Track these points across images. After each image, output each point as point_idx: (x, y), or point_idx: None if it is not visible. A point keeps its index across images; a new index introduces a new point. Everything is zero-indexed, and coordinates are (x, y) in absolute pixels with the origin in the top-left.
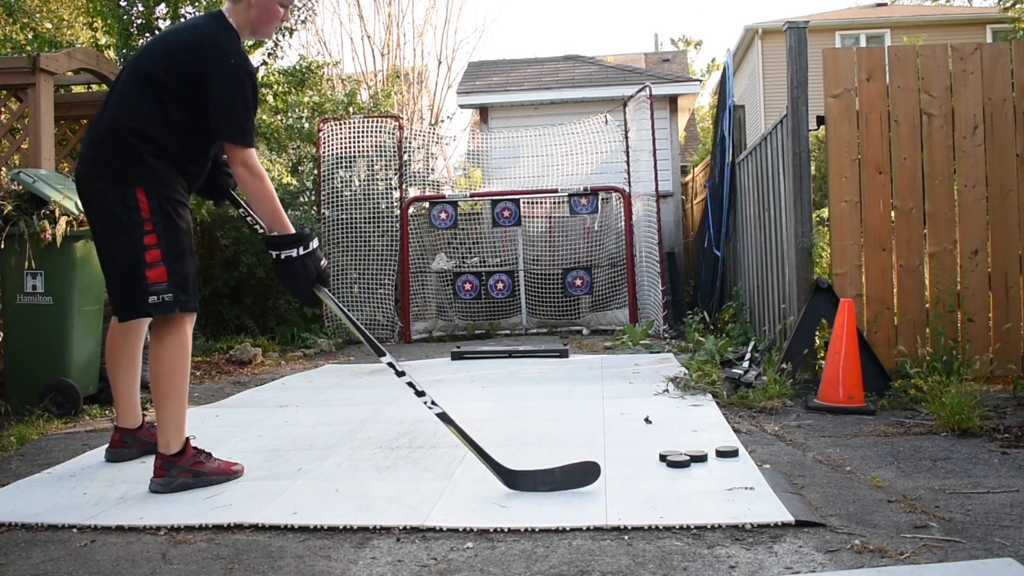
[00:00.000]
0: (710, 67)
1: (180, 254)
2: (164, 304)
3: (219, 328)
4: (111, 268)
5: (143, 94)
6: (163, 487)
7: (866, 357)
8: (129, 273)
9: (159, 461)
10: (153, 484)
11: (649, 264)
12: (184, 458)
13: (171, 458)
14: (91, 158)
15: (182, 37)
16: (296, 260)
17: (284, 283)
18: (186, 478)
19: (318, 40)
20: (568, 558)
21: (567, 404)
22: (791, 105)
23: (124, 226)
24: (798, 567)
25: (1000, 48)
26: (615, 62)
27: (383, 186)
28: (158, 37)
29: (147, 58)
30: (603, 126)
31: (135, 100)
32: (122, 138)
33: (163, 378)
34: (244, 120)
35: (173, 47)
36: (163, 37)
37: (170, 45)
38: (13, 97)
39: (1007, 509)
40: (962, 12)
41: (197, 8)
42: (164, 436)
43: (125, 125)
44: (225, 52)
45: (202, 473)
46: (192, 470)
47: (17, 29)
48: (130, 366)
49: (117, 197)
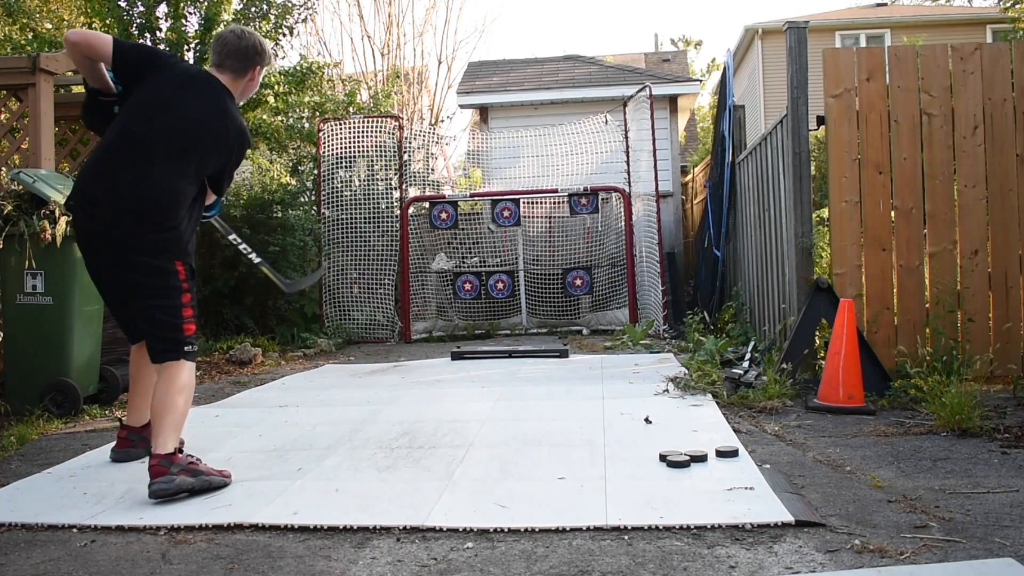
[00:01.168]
0: (710, 67)
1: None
2: (193, 352)
3: (219, 328)
4: (152, 321)
5: (185, 166)
6: (166, 484)
7: (866, 357)
8: (169, 325)
9: (155, 460)
10: (155, 484)
11: (649, 264)
12: (179, 458)
13: (169, 456)
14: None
15: (223, 124)
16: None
17: None
18: (186, 476)
19: (318, 40)
20: (568, 558)
21: (567, 404)
22: (791, 105)
23: (169, 289)
24: (798, 567)
25: (1000, 48)
26: (615, 62)
27: (383, 186)
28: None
29: (190, 133)
30: (603, 126)
31: (172, 174)
32: (167, 212)
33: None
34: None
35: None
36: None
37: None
38: (13, 97)
39: (1007, 509)
40: (962, 12)
41: (198, 8)
42: (162, 437)
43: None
44: (249, 142)
45: (200, 472)
46: (190, 469)
47: (17, 29)
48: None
49: (161, 265)
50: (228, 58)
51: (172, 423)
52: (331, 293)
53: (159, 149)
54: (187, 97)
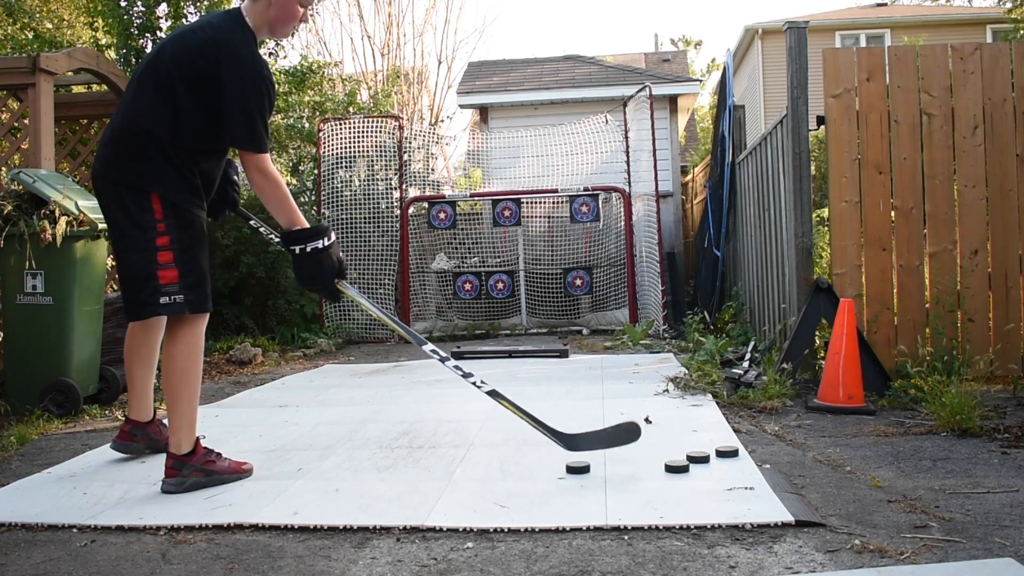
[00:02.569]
0: (710, 67)
1: (192, 256)
2: (175, 305)
3: (219, 328)
4: (123, 267)
5: (159, 95)
6: (176, 487)
7: (866, 357)
8: (141, 273)
9: (170, 461)
10: (165, 484)
11: (649, 264)
12: (195, 458)
13: (183, 458)
14: (106, 156)
15: (197, 38)
16: (322, 252)
17: (307, 277)
18: (198, 477)
19: (318, 40)
20: (568, 558)
21: (567, 404)
22: (791, 105)
23: (138, 227)
24: (798, 567)
25: (1000, 48)
26: (615, 62)
27: (383, 186)
28: (174, 36)
29: (162, 58)
30: (603, 126)
31: (151, 101)
32: (137, 139)
33: (176, 377)
34: (258, 126)
35: (188, 48)
36: (179, 36)
37: (185, 45)
38: (13, 97)
39: (1007, 509)
40: (962, 12)
41: (199, 9)
42: (176, 436)
43: (141, 126)
44: (239, 56)
45: (213, 472)
46: (204, 469)
47: (17, 29)
48: (147, 360)
49: (131, 198)
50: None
51: (180, 415)
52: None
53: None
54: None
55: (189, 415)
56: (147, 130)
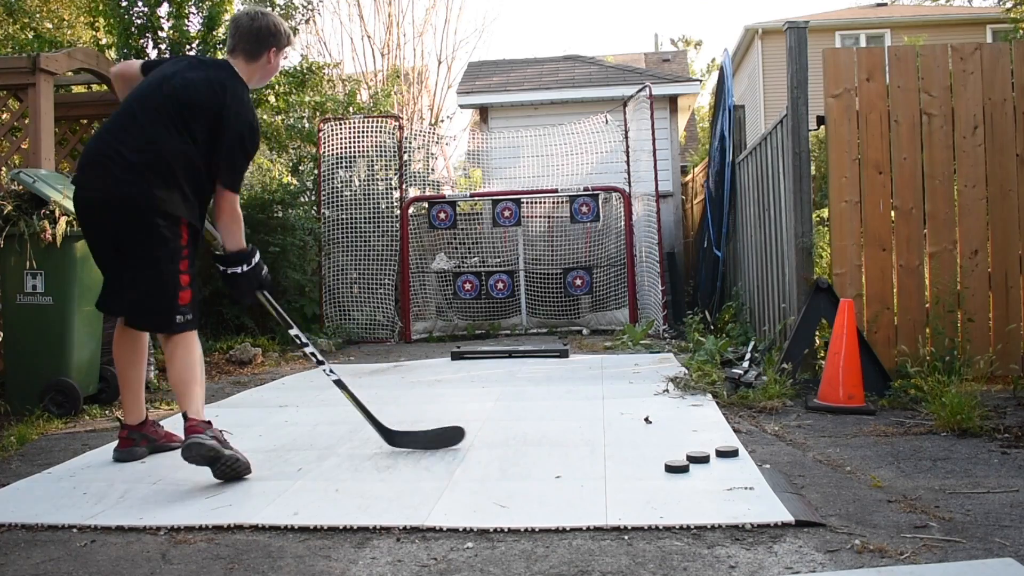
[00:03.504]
0: (710, 67)
1: (195, 281)
2: (187, 323)
3: (219, 328)
4: (147, 285)
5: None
6: (202, 439)
7: (866, 357)
8: (166, 293)
9: (192, 422)
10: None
11: (649, 264)
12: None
13: (205, 422)
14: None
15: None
16: (240, 276)
17: (230, 290)
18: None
19: (318, 40)
20: (568, 558)
21: (567, 404)
22: (791, 105)
23: (170, 251)
24: (798, 567)
25: (1000, 48)
26: (615, 62)
27: (383, 186)
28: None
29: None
30: (603, 126)
31: (173, 137)
32: (172, 171)
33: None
34: (243, 171)
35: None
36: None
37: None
38: (13, 97)
39: (1007, 509)
40: (962, 12)
41: (200, 10)
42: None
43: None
44: (243, 102)
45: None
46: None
47: (17, 29)
48: (138, 362)
49: (167, 224)
50: (240, 41)
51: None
52: (331, 293)
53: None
54: (187, 70)
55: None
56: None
